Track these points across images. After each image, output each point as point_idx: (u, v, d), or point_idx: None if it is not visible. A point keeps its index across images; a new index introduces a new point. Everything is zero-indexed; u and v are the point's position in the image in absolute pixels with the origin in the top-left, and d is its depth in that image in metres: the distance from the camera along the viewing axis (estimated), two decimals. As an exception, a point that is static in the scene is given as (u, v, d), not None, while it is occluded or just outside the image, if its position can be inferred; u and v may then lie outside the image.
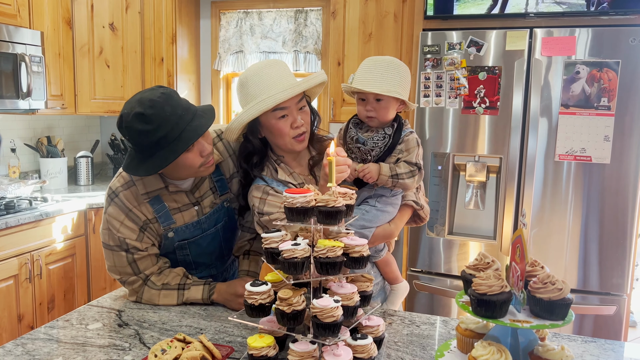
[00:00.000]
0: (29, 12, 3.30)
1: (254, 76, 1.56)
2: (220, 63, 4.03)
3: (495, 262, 1.27)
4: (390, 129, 1.61)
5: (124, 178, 1.66)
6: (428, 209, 1.76)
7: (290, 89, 1.53)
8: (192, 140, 1.50)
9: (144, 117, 1.47)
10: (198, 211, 1.72)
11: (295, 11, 3.81)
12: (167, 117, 1.48)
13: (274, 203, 1.59)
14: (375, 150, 1.60)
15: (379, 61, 1.60)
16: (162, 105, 1.48)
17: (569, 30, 2.55)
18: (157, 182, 1.65)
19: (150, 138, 1.48)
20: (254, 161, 1.64)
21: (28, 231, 2.95)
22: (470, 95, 2.72)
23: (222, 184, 1.75)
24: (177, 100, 1.53)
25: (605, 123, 2.54)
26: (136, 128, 1.48)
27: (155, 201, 1.65)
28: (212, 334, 1.47)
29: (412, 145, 1.61)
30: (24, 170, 3.72)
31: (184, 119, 1.51)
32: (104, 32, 3.77)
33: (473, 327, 1.28)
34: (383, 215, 1.64)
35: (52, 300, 3.16)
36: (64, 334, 1.46)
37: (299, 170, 1.69)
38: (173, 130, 1.49)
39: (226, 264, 1.92)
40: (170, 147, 1.49)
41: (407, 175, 1.58)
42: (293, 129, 1.58)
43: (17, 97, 3.13)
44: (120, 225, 1.64)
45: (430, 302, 2.91)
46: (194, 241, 1.74)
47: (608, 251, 2.61)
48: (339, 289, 1.24)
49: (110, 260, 1.69)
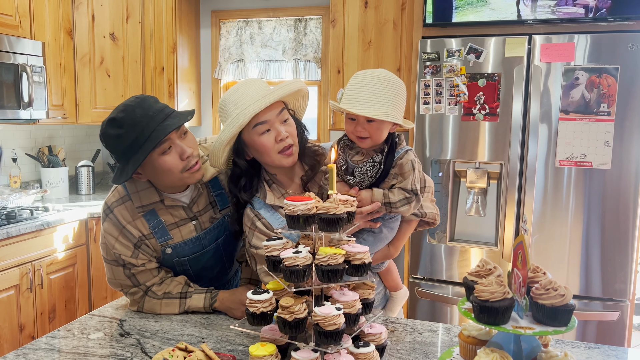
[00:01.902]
0: (30, 23, 3.32)
1: (230, 96, 1.50)
2: (220, 72, 4.05)
3: (497, 268, 1.26)
4: (380, 155, 1.47)
5: (119, 192, 1.64)
6: (435, 210, 1.64)
7: (264, 98, 1.45)
8: (159, 138, 1.46)
9: (115, 121, 1.47)
10: (196, 226, 1.68)
11: (295, 20, 3.83)
12: (137, 119, 1.46)
13: (262, 237, 1.54)
14: (365, 181, 1.48)
15: (370, 77, 1.44)
16: (133, 108, 1.48)
17: (567, 36, 2.56)
18: (153, 196, 1.62)
19: (123, 142, 1.47)
20: (242, 183, 1.56)
21: (29, 241, 2.95)
22: (470, 101, 2.72)
23: (222, 199, 1.71)
24: (151, 103, 1.51)
25: (605, 128, 2.54)
26: (109, 133, 1.48)
27: (150, 216, 1.62)
28: (214, 343, 1.46)
29: (407, 170, 1.46)
30: (25, 180, 3.73)
31: (155, 119, 1.48)
32: (105, 42, 3.79)
33: (476, 334, 1.27)
34: (381, 241, 1.60)
35: (54, 310, 3.15)
36: (66, 343, 1.46)
37: (293, 188, 1.62)
38: (144, 131, 1.46)
39: (229, 275, 1.90)
40: (142, 149, 1.47)
41: (402, 203, 1.46)
42: (277, 142, 1.49)
43: (18, 107, 3.14)
44: (115, 241, 1.63)
45: (432, 309, 2.90)
46: (194, 258, 1.71)
47: (610, 257, 2.60)
48: (340, 296, 1.24)
49: (110, 273, 1.69)
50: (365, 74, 1.46)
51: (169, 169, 1.52)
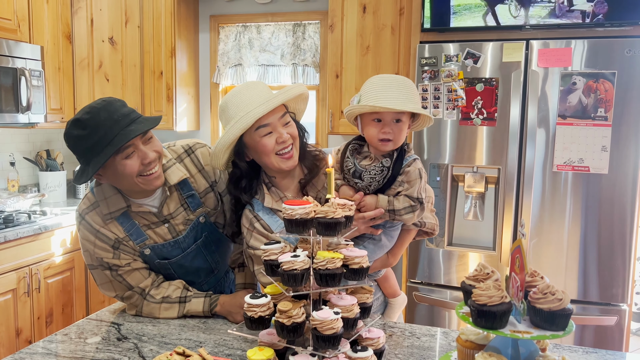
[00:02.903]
0: (29, 27, 3.32)
1: (232, 98, 1.52)
2: (219, 76, 4.06)
3: (495, 272, 1.26)
4: (389, 160, 1.48)
5: (89, 199, 1.65)
6: (435, 221, 1.65)
7: (267, 102, 1.47)
8: (121, 143, 1.46)
9: (79, 122, 1.47)
10: (169, 229, 1.68)
11: (293, 24, 3.84)
12: (101, 122, 1.46)
13: (260, 238, 1.56)
14: (373, 185, 1.48)
15: (392, 79, 1.47)
16: (98, 110, 1.48)
17: (564, 41, 2.58)
18: (120, 202, 1.63)
19: (85, 144, 1.47)
20: (243, 185, 1.58)
21: (27, 245, 2.94)
22: (467, 106, 2.73)
23: (193, 200, 1.70)
24: (117, 107, 1.51)
25: (603, 133, 2.55)
26: (72, 134, 1.49)
27: (123, 219, 1.63)
28: (212, 347, 1.46)
29: (414, 178, 1.47)
30: (23, 184, 3.72)
31: (119, 124, 1.48)
32: (104, 46, 3.80)
33: (473, 339, 1.27)
34: (380, 250, 1.60)
35: (51, 314, 3.14)
36: (63, 348, 1.45)
37: (292, 192, 1.63)
38: (106, 135, 1.47)
39: (219, 278, 1.90)
40: (104, 152, 1.47)
41: (406, 210, 1.47)
42: (278, 144, 1.50)
43: (16, 111, 3.14)
44: (93, 246, 1.64)
45: (430, 314, 2.90)
46: (176, 262, 1.71)
47: (607, 261, 2.60)
48: (338, 300, 1.24)
49: (99, 278, 1.69)
50: (385, 76, 1.48)
51: (129, 173, 1.52)
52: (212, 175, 1.74)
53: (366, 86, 1.48)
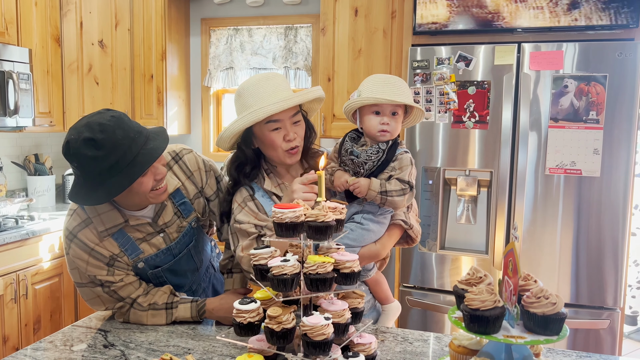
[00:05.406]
0: (17, 30, 3.28)
1: (250, 87, 1.57)
2: (210, 79, 4.03)
3: (488, 276, 1.25)
4: (385, 144, 1.59)
5: (80, 216, 1.59)
6: (419, 229, 1.72)
7: (282, 102, 1.52)
8: (149, 164, 1.43)
9: (94, 142, 1.39)
10: (164, 238, 1.67)
11: (285, 28, 3.83)
12: (118, 142, 1.40)
13: (249, 214, 1.59)
14: (368, 164, 1.57)
15: (388, 77, 1.62)
16: (113, 129, 1.41)
17: (556, 44, 2.58)
18: (116, 217, 1.58)
19: (102, 164, 1.40)
20: (246, 171, 1.63)
21: (14, 250, 2.90)
22: (459, 109, 2.73)
23: (185, 207, 1.70)
24: (128, 123, 1.46)
25: (595, 136, 2.55)
26: (86, 154, 1.39)
27: (119, 235, 1.60)
28: (200, 354, 1.43)
29: (406, 164, 1.58)
30: (11, 189, 3.67)
31: (137, 142, 1.44)
32: (93, 49, 3.76)
33: (466, 344, 1.26)
34: (368, 235, 1.60)
35: (38, 320, 3.09)
36: (47, 356, 1.42)
37: (289, 180, 1.67)
38: (126, 155, 1.42)
39: (201, 274, 1.87)
40: (124, 173, 1.42)
41: (397, 193, 1.55)
42: (285, 141, 1.56)
43: (4, 115, 3.10)
44: (86, 264, 1.59)
45: (423, 318, 2.88)
46: (168, 268, 1.70)
47: (600, 264, 2.60)
48: (329, 305, 1.22)
49: (87, 295, 1.65)
50: (383, 75, 1.65)
51: (143, 190, 1.50)
52: (200, 182, 1.74)
53: (366, 83, 1.62)
